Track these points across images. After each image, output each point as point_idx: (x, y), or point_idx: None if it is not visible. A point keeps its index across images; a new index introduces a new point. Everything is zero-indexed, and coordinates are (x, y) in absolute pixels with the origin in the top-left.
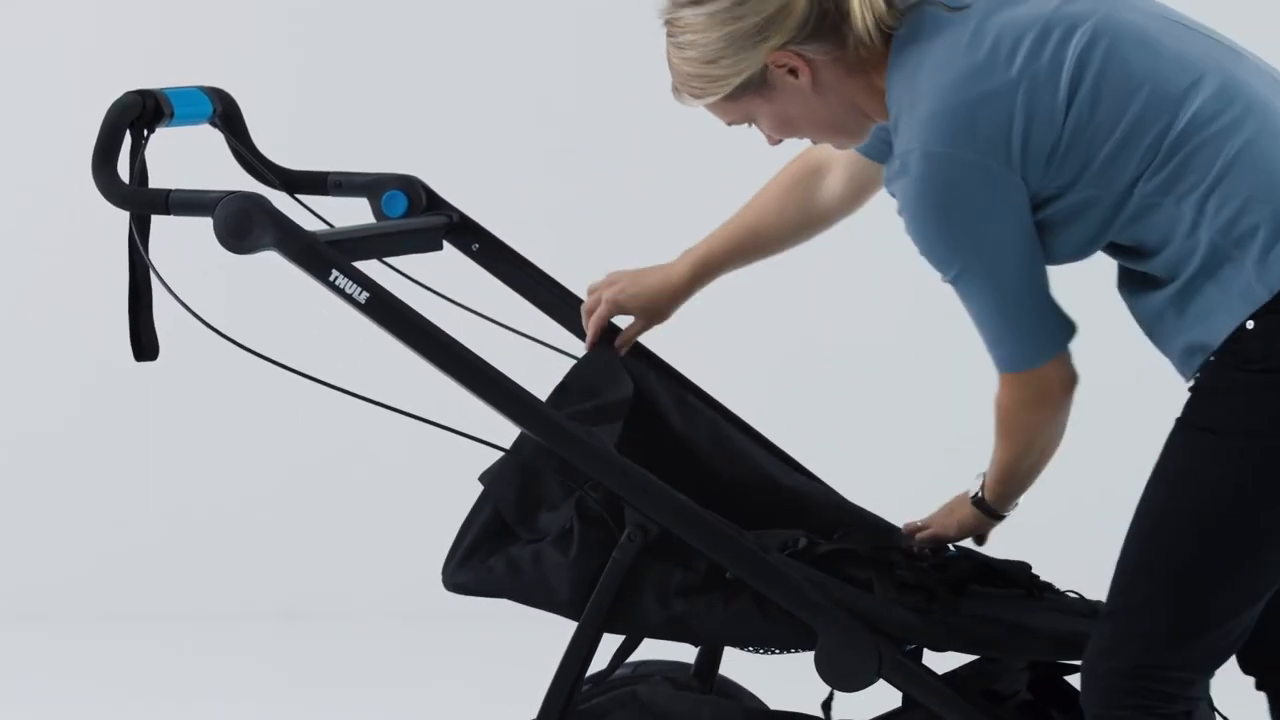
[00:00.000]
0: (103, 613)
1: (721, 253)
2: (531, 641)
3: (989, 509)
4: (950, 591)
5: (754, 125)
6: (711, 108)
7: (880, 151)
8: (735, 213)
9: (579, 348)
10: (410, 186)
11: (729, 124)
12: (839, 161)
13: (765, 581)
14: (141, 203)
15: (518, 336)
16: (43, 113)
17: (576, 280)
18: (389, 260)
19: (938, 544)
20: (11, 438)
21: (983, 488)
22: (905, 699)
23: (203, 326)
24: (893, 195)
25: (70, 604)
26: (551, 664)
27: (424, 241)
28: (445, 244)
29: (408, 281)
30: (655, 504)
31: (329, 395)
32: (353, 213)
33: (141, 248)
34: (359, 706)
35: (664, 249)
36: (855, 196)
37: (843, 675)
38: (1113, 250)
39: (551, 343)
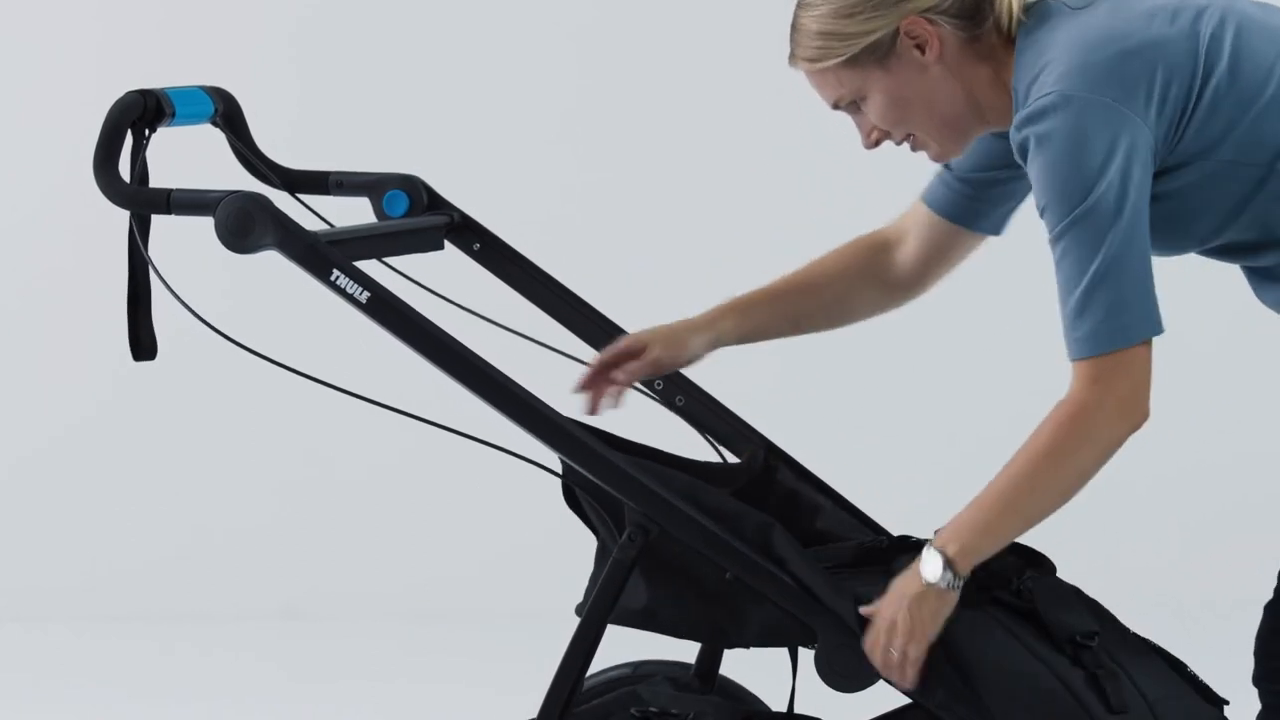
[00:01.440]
0: (103, 613)
1: (760, 298)
2: (532, 641)
3: (946, 561)
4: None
5: (859, 109)
6: (825, 75)
7: (963, 207)
8: (789, 272)
9: (580, 348)
10: (411, 186)
11: (834, 103)
12: (909, 235)
13: (763, 582)
14: (142, 202)
15: (519, 337)
16: (44, 112)
17: (578, 280)
18: (390, 260)
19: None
20: (10, 439)
21: (937, 542)
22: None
23: (203, 326)
24: (1020, 148)
25: (70, 604)
26: (552, 663)
27: (425, 241)
28: (446, 244)
29: (409, 281)
30: (654, 504)
31: (329, 395)
32: (354, 212)
33: (142, 247)
34: (359, 706)
35: (665, 249)
36: (925, 271)
37: (843, 675)
38: (1230, 252)
39: (552, 343)
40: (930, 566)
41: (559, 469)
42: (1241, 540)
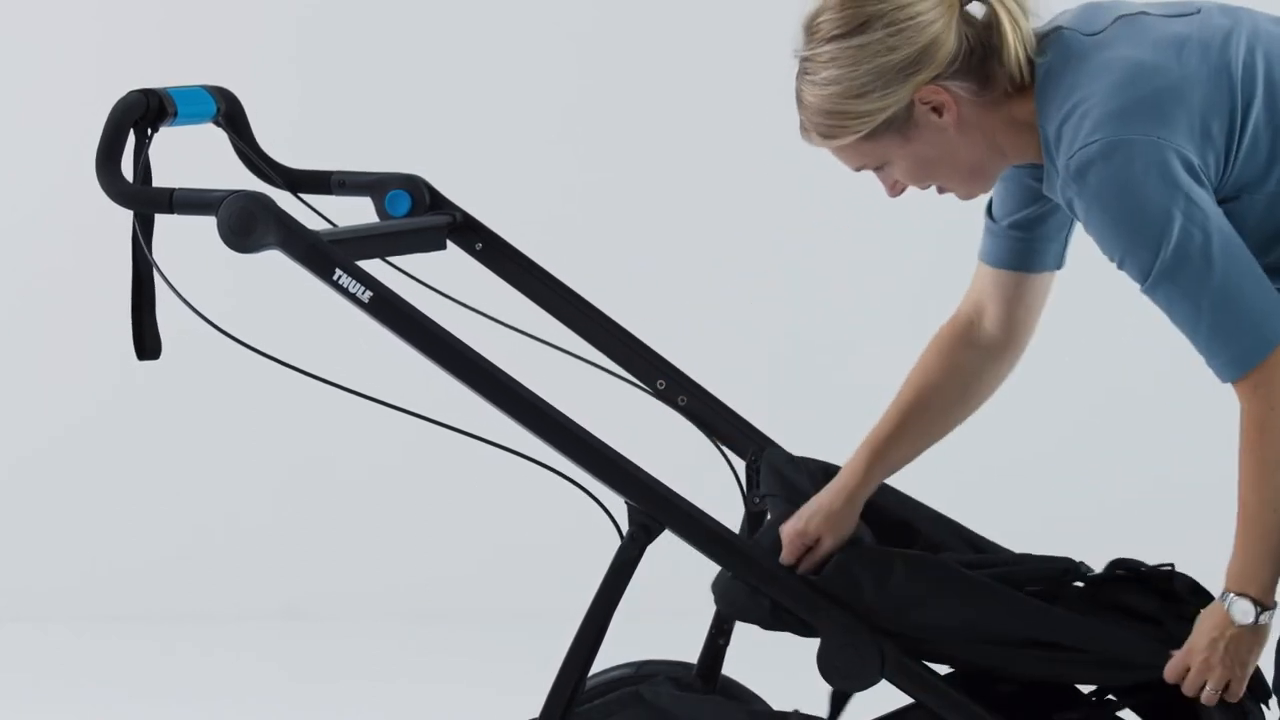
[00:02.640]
0: (103, 613)
1: (888, 436)
2: (533, 641)
3: (1252, 600)
4: None
5: (882, 171)
6: (844, 150)
7: (1017, 253)
8: (894, 398)
9: (582, 347)
10: (414, 186)
11: (857, 169)
12: (985, 304)
13: (766, 582)
14: (145, 202)
15: (521, 336)
16: (44, 112)
17: (579, 280)
18: (392, 260)
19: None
20: (11, 438)
21: (1230, 588)
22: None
23: (204, 326)
24: (1069, 205)
25: (70, 604)
26: (553, 663)
27: (427, 241)
28: (449, 243)
29: (411, 281)
30: (654, 502)
31: (330, 394)
32: (356, 212)
33: (145, 247)
34: (359, 706)
35: (665, 249)
36: (1016, 328)
37: (845, 675)
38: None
39: (554, 342)
40: (1241, 610)
41: (560, 468)
42: None
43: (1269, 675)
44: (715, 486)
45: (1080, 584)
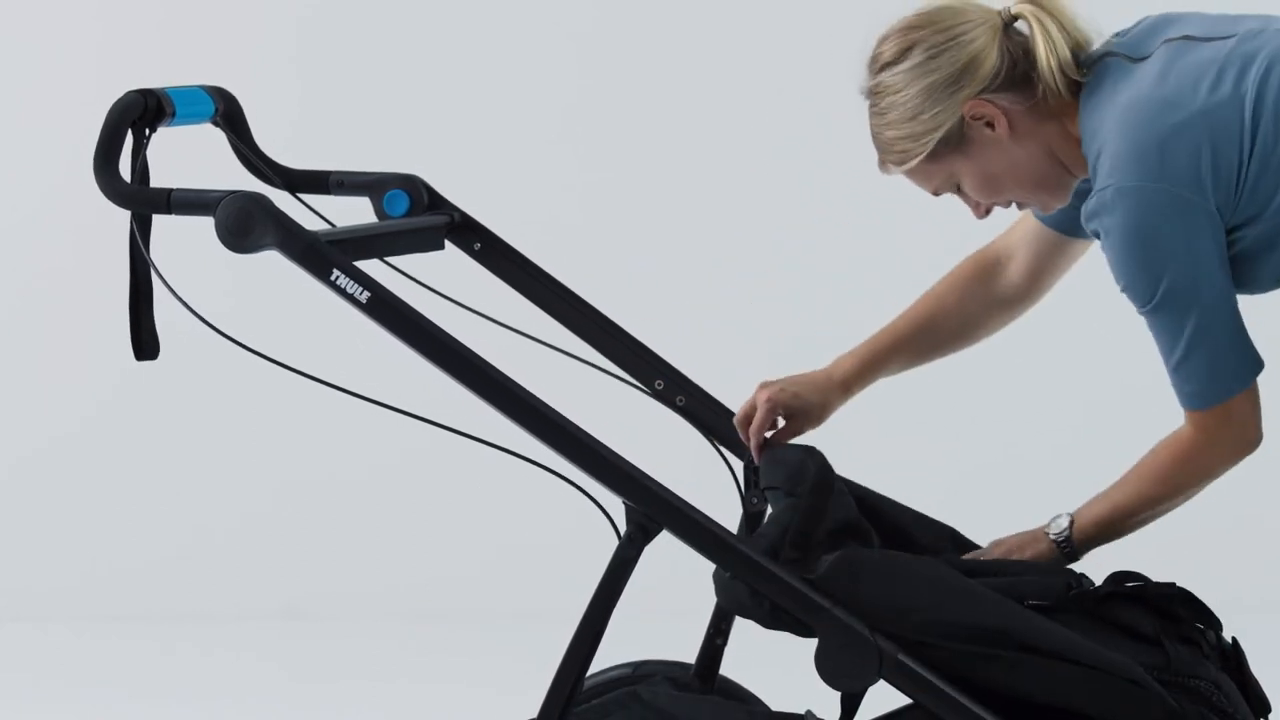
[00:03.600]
0: (103, 613)
1: (888, 346)
2: (532, 641)
3: (1071, 551)
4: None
5: (961, 193)
6: (916, 173)
7: (1067, 217)
8: (905, 309)
9: (580, 348)
10: (412, 186)
11: (935, 192)
12: (1018, 250)
13: (764, 583)
14: (143, 202)
15: (519, 336)
16: (44, 112)
17: (578, 280)
18: (391, 260)
19: None
20: (11, 438)
21: (1071, 527)
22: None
23: (203, 326)
24: (1094, 233)
25: (70, 604)
26: (552, 663)
27: (426, 241)
28: (447, 243)
29: (409, 281)
30: (652, 503)
31: (330, 395)
32: (355, 212)
33: (143, 247)
34: (359, 706)
35: (665, 249)
36: (1037, 283)
37: (843, 675)
38: None
39: (552, 343)
40: (1057, 524)
41: (558, 469)
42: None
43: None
44: (713, 487)
45: (1081, 598)
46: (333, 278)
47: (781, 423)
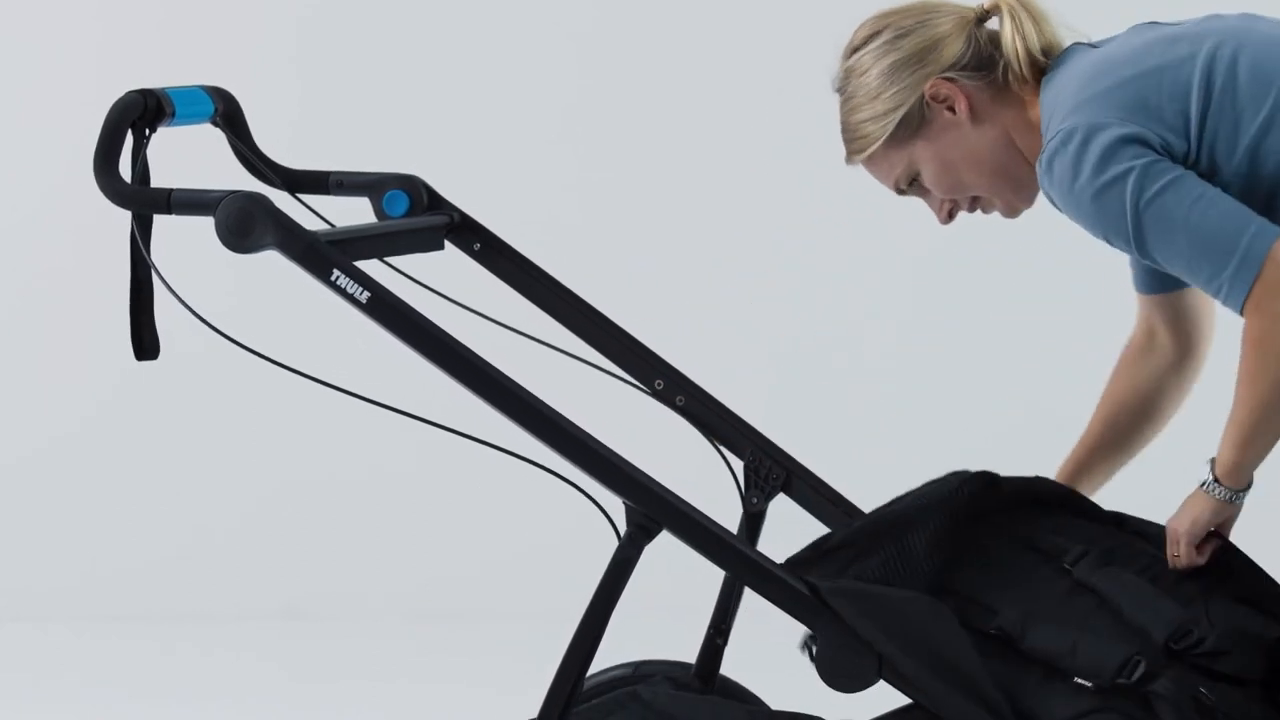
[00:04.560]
0: (103, 613)
1: (1084, 456)
2: (532, 641)
3: (1228, 488)
4: None
5: (922, 189)
6: (877, 161)
7: (1158, 277)
8: (1090, 419)
9: (580, 348)
10: (412, 186)
11: (895, 186)
12: (1154, 323)
13: (762, 583)
14: (143, 202)
15: (519, 336)
16: (44, 112)
17: (578, 280)
18: (390, 260)
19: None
20: (11, 439)
21: (1213, 470)
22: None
23: (204, 326)
24: (1051, 203)
25: (70, 604)
26: (552, 663)
27: (425, 241)
28: (447, 244)
29: (409, 281)
30: (652, 503)
31: (329, 395)
32: (354, 212)
33: (143, 247)
34: (359, 706)
35: (665, 249)
36: (1189, 338)
37: (843, 676)
38: None
39: (552, 343)
40: (1220, 493)
41: (558, 469)
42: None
43: None
44: (713, 487)
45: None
46: (333, 278)
47: None
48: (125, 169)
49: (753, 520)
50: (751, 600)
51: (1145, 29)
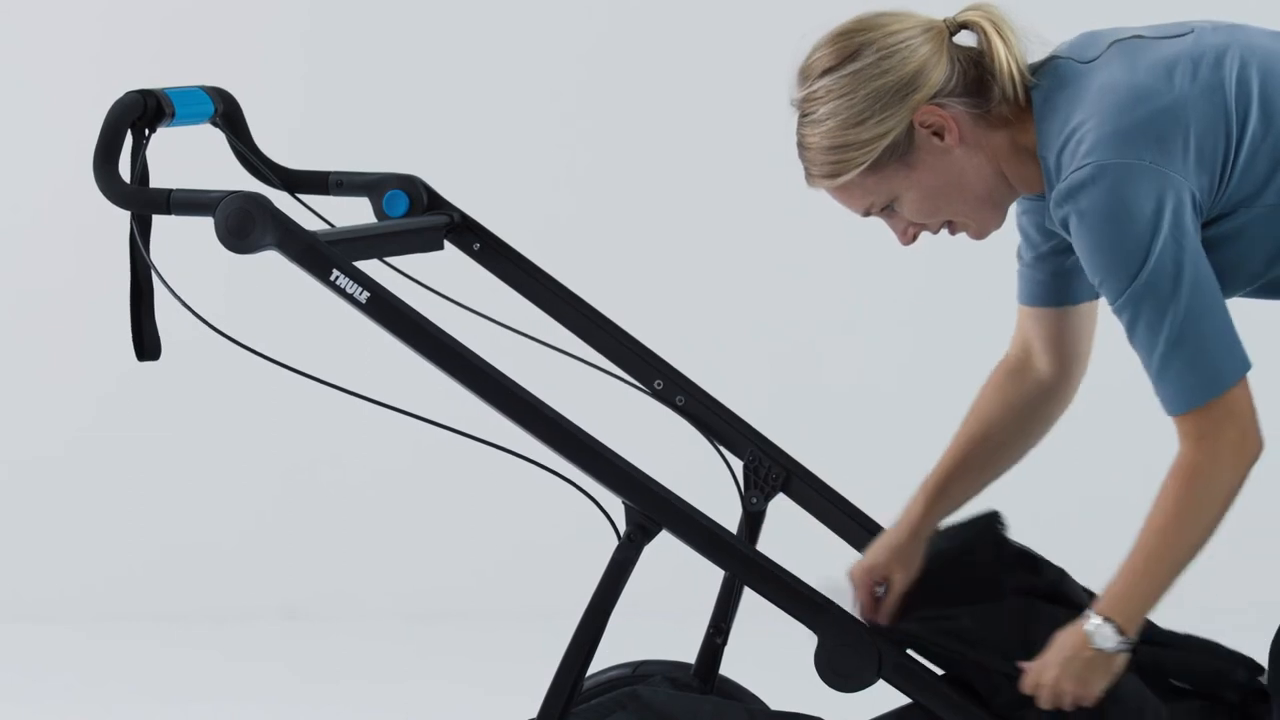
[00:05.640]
0: (103, 613)
1: (949, 471)
2: (532, 641)
3: (1117, 628)
4: None
5: (893, 211)
6: (849, 189)
7: (1051, 288)
8: (953, 436)
9: (579, 348)
10: (411, 186)
11: (865, 211)
12: (1031, 340)
13: (762, 582)
14: (142, 202)
15: (518, 336)
16: (44, 113)
17: (578, 280)
18: (390, 260)
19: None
20: (10, 439)
21: (1100, 610)
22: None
23: (204, 327)
24: (1063, 221)
25: (70, 604)
26: (552, 663)
27: (425, 241)
28: (446, 244)
29: (409, 281)
30: (651, 503)
31: (330, 395)
32: (354, 212)
33: (143, 247)
34: (360, 706)
35: (665, 249)
36: (1065, 361)
37: (842, 675)
38: (1274, 289)
39: (552, 343)
40: (1103, 635)
41: (558, 469)
42: (1261, 543)
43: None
44: (713, 487)
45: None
46: (332, 278)
47: (880, 590)
48: (125, 169)
49: (753, 520)
50: (751, 600)
51: (1142, 47)
